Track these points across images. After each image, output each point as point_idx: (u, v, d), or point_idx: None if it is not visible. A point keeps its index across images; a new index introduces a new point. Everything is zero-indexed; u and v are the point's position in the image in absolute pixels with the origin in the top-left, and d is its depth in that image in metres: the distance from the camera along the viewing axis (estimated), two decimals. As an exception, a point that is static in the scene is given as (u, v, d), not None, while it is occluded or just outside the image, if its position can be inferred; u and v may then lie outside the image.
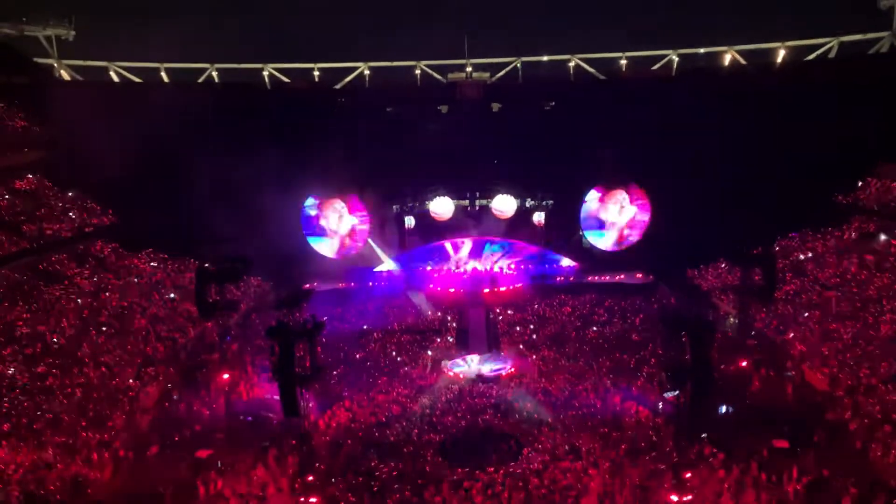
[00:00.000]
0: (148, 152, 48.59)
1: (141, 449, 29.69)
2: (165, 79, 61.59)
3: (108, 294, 42.01)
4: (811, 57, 58.70)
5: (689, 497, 24.33)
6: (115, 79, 61.01)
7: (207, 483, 26.32)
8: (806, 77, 55.74)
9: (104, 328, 38.28)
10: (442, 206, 57.03)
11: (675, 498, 24.47)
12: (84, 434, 29.02)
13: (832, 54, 57.85)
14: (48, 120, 51.49)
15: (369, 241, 55.00)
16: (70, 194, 49.47)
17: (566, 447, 28.81)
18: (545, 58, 63.20)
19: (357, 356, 41.56)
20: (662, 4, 75.32)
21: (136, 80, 61.57)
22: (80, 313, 38.74)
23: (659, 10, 75.76)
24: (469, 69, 61.66)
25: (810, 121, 49.39)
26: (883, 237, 43.04)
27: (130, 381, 34.38)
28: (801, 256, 46.62)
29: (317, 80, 63.34)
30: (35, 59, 57.35)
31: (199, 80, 61.50)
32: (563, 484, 25.61)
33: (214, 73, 61.92)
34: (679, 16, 70.93)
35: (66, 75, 59.72)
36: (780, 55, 58.87)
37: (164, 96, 56.18)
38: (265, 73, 62.09)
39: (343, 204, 53.69)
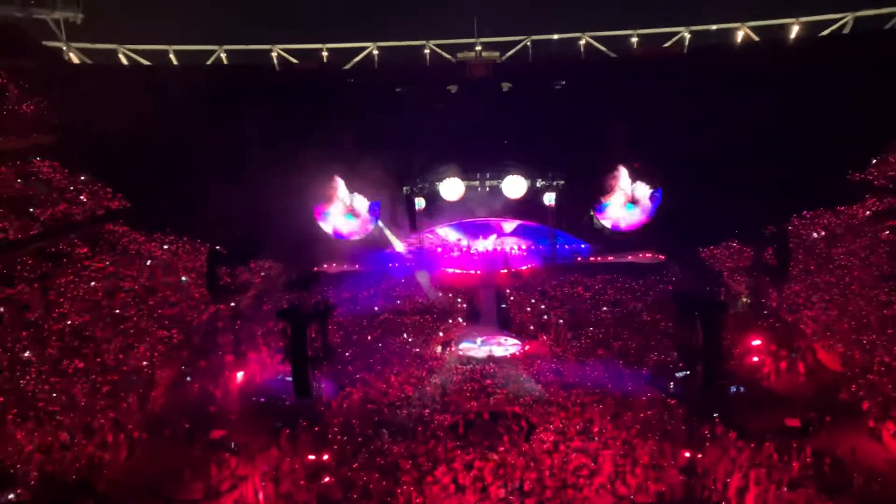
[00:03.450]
0: (158, 135, 48.57)
1: (155, 430, 30.07)
2: (174, 61, 61.49)
3: (120, 277, 42.25)
4: (825, 33, 57.86)
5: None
6: (124, 61, 60.99)
7: (221, 463, 26.64)
8: (820, 53, 54.95)
9: (117, 311, 38.55)
10: (451, 187, 56.72)
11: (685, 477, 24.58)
12: (99, 416, 29.37)
13: (847, 30, 57.00)
14: (58, 104, 51.48)
15: (379, 223, 54.93)
16: (81, 178, 49.57)
17: (577, 427, 28.86)
18: (555, 36, 62.54)
19: (368, 338, 41.69)
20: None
21: (145, 62, 61.52)
22: (93, 296, 39.02)
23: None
24: (478, 48, 61.09)
25: (824, 98, 48.88)
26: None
27: (144, 363, 34.68)
28: (815, 235, 46.27)
29: (325, 60, 62.97)
30: (44, 43, 57.28)
31: (208, 62, 61.37)
32: (574, 464, 25.74)
33: (223, 55, 61.79)
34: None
35: (75, 58, 59.68)
36: (794, 31, 58.03)
37: (173, 78, 56.01)
38: (273, 55, 61.86)
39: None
